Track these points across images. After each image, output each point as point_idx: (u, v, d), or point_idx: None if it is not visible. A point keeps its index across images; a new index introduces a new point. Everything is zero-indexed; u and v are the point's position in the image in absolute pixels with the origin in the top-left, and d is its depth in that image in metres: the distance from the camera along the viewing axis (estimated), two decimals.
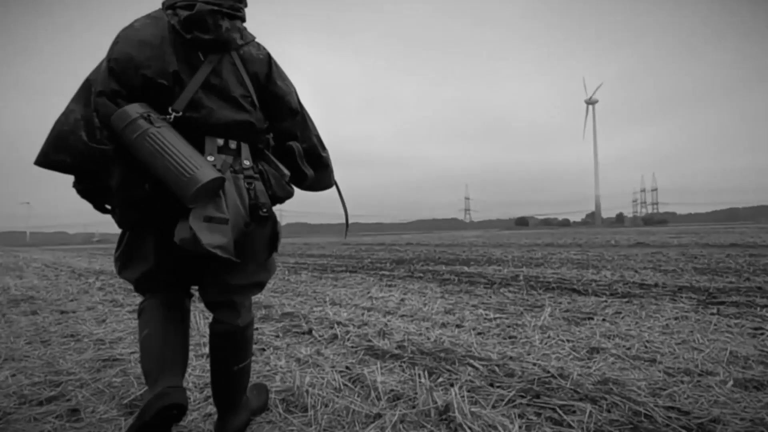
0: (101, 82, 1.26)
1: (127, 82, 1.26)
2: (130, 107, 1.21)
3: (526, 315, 3.30)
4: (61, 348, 2.76)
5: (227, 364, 1.44)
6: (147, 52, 1.27)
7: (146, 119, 1.20)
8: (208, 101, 1.31)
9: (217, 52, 1.35)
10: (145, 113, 1.21)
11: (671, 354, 2.28)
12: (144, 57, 1.26)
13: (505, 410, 1.67)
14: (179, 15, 1.30)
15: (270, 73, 1.46)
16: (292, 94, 1.52)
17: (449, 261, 8.57)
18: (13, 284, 6.56)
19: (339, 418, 1.65)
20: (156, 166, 1.19)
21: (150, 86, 1.26)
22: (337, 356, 2.43)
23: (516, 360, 2.26)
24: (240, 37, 1.40)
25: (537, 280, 5.25)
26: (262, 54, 1.47)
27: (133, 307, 4.23)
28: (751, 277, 4.94)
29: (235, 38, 1.38)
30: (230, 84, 1.35)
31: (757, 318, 3.00)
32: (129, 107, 1.21)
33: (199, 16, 1.29)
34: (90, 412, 1.77)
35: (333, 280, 6.02)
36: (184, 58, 1.31)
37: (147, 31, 1.31)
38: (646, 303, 3.61)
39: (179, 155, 1.18)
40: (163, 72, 1.27)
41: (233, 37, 1.37)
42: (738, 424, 1.52)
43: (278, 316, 3.60)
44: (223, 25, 1.34)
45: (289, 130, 1.53)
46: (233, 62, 1.38)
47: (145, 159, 1.19)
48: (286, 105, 1.50)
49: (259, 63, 1.44)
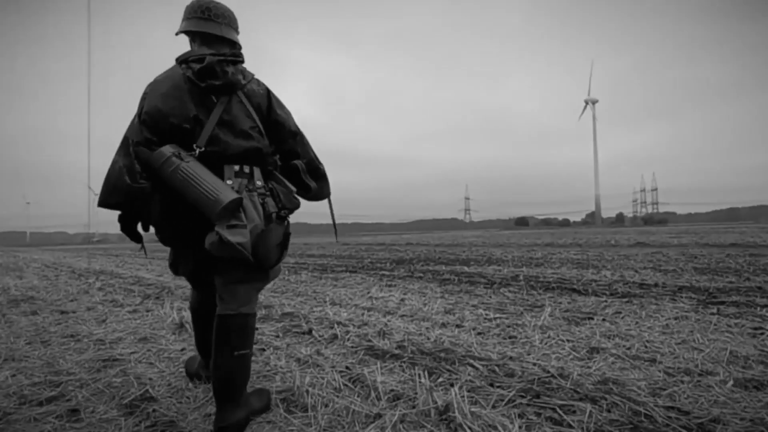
0: (136, 134, 1.57)
1: (158, 130, 1.58)
2: (164, 148, 1.51)
3: (526, 315, 3.30)
4: (61, 348, 2.76)
5: (228, 348, 1.58)
6: (171, 103, 1.58)
7: (177, 156, 1.49)
8: (223, 136, 1.60)
9: (226, 94, 1.64)
10: (175, 152, 1.51)
11: (671, 354, 2.28)
12: (169, 108, 1.57)
13: (505, 410, 1.67)
14: (193, 68, 1.60)
15: (270, 104, 1.75)
16: (290, 119, 1.81)
17: (449, 261, 8.57)
18: (13, 284, 6.56)
19: (339, 418, 1.65)
20: (188, 193, 1.49)
21: (176, 130, 1.57)
22: (337, 356, 2.43)
23: (516, 360, 2.26)
24: (243, 78, 1.68)
25: (537, 280, 5.25)
26: (262, 89, 1.75)
27: (133, 307, 4.23)
28: (751, 276, 4.94)
29: (240, 79, 1.66)
30: (239, 119, 1.64)
31: (757, 318, 3.00)
32: (163, 148, 1.51)
33: (209, 66, 1.58)
34: (90, 412, 1.77)
35: (333, 280, 6.02)
36: (200, 102, 1.61)
37: (167, 84, 1.62)
38: (646, 303, 3.61)
39: (205, 182, 1.48)
40: (185, 117, 1.58)
41: (238, 79, 1.65)
42: (738, 423, 1.52)
43: (278, 316, 3.60)
44: (229, 70, 1.62)
45: (291, 150, 1.82)
46: (240, 100, 1.66)
47: (179, 188, 1.49)
48: (286, 129, 1.78)
49: (261, 96, 1.73)
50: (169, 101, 1.58)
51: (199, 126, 1.58)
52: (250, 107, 1.68)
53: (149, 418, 1.70)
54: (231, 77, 1.61)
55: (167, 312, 3.71)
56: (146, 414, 1.74)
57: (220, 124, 1.60)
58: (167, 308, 3.87)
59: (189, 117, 1.57)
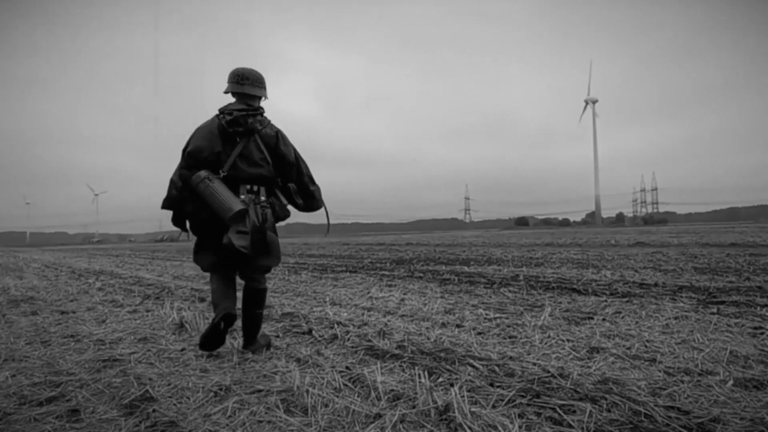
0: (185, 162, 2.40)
1: (196, 160, 2.37)
2: (200, 172, 2.29)
3: (526, 315, 3.30)
4: (61, 348, 2.76)
5: (252, 308, 2.52)
6: (204, 143, 2.37)
7: (207, 178, 2.25)
8: (240, 164, 2.38)
9: (246, 137, 2.40)
10: (207, 175, 2.27)
11: (671, 353, 2.28)
12: (203, 146, 2.37)
13: (505, 410, 1.67)
14: (225, 118, 2.37)
15: (277, 142, 2.49)
16: (290, 153, 2.53)
17: (449, 261, 8.57)
18: (13, 285, 6.56)
19: (339, 419, 1.65)
20: (211, 202, 2.24)
21: (207, 161, 2.36)
22: (337, 356, 2.43)
23: (516, 360, 2.26)
24: (259, 125, 2.43)
25: (537, 279, 5.25)
26: (272, 131, 2.48)
27: (133, 307, 4.23)
28: (751, 276, 4.93)
29: (257, 127, 2.41)
30: (253, 153, 2.41)
31: (757, 317, 3.00)
32: (200, 173, 2.29)
33: (235, 119, 2.36)
34: (90, 412, 1.77)
35: (333, 280, 6.02)
36: (227, 142, 2.39)
37: (206, 129, 2.41)
38: (646, 302, 3.61)
39: (222, 196, 2.22)
40: (213, 153, 2.37)
41: (255, 127, 2.41)
42: (738, 423, 1.52)
43: (278, 316, 3.60)
44: (249, 121, 2.39)
45: (288, 175, 2.57)
46: (256, 140, 2.42)
47: (206, 199, 2.25)
48: (286, 160, 2.52)
49: (271, 138, 2.47)
50: (204, 142, 2.39)
51: (225, 156, 2.37)
52: (262, 145, 2.43)
53: (149, 419, 1.70)
54: (250, 125, 2.38)
55: (167, 312, 3.71)
56: (146, 414, 1.73)
57: (239, 156, 2.38)
58: (167, 308, 3.87)
59: (215, 153, 2.38)
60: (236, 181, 2.35)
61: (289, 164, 2.53)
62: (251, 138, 2.39)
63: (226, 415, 1.71)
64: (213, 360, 2.42)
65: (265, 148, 2.42)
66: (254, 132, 2.39)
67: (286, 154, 2.50)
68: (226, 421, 1.66)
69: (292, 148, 2.56)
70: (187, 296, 4.91)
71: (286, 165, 2.52)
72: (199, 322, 3.22)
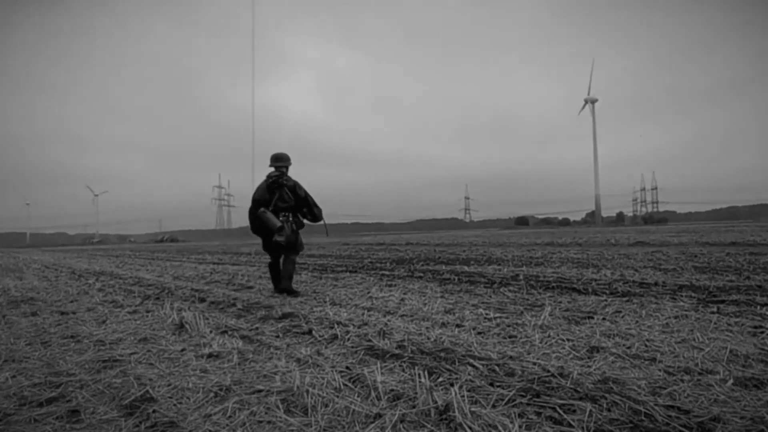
0: (253, 204, 4.84)
1: (258, 203, 4.79)
2: (261, 208, 4.69)
3: (526, 314, 3.30)
4: (61, 349, 2.76)
5: (288, 264, 4.85)
6: (261, 194, 4.83)
7: (263, 210, 4.67)
8: (278, 203, 4.76)
9: (280, 188, 4.76)
10: (264, 210, 4.67)
11: (671, 353, 2.28)
12: (260, 195, 4.84)
13: (505, 410, 1.67)
14: (269, 180, 4.82)
15: (294, 188, 4.82)
16: (302, 193, 4.86)
17: (449, 260, 8.57)
18: (13, 285, 6.56)
19: (339, 418, 1.65)
20: (267, 223, 4.65)
21: (263, 202, 4.78)
22: (337, 356, 2.43)
23: (516, 359, 2.26)
24: (286, 181, 4.80)
25: (537, 279, 5.25)
26: (291, 182, 4.82)
27: (133, 308, 4.23)
28: (751, 275, 4.93)
29: (284, 182, 4.78)
30: (284, 196, 4.76)
31: (757, 316, 3.00)
32: (261, 208, 4.69)
33: (275, 180, 4.79)
34: (90, 413, 1.77)
35: (333, 280, 6.02)
36: (271, 191, 4.79)
37: (262, 186, 4.85)
38: (646, 302, 3.61)
39: (271, 219, 4.62)
40: (265, 199, 4.80)
41: (284, 183, 4.78)
42: (738, 422, 1.52)
43: (278, 316, 3.60)
44: (281, 181, 4.77)
45: (302, 204, 4.90)
46: (285, 188, 4.77)
47: (263, 221, 4.67)
48: (301, 197, 4.85)
49: (291, 187, 4.81)
50: (261, 193, 4.80)
51: (271, 198, 4.73)
52: (288, 191, 4.75)
53: (149, 419, 1.70)
54: (281, 182, 4.74)
55: (167, 313, 3.71)
56: (146, 414, 1.73)
57: (278, 198, 4.72)
58: (167, 309, 3.87)
59: (266, 199, 4.75)
60: (277, 210, 4.70)
61: (303, 199, 4.84)
62: (282, 188, 4.71)
63: (226, 415, 1.71)
64: (213, 360, 2.42)
65: (290, 192, 4.75)
66: (283, 186, 4.73)
67: (300, 194, 4.81)
68: (226, 421, 1.66)
69: (304, 190, 4.84)
70: (187, 296, 4.91)
71: (301, 200, 4.84)
72: (199, 322, 3.22)
